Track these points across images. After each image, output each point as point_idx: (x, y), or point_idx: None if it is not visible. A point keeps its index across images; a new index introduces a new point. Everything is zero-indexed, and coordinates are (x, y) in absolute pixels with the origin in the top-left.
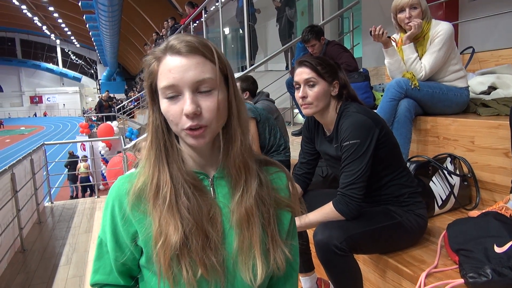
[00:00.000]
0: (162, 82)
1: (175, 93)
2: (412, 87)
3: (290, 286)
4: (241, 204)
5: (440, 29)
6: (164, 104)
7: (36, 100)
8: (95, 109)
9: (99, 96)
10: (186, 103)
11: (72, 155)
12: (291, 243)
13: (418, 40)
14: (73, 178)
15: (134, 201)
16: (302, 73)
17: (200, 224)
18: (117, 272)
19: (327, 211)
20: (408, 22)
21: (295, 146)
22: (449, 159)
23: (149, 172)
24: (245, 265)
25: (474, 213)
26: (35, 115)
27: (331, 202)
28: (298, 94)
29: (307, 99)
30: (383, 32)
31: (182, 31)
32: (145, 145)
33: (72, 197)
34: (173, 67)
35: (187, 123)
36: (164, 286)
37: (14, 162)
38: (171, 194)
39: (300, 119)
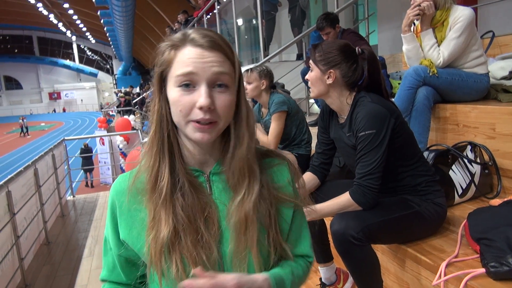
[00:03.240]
0: (179, 69)
1: (190, 83)
2: (430, 74)
3: (288, 277)
4: (241, 207)
5: (460, 15)
6: (175, 93)
7: (54, 96)
8: (137, 106)
9: (139, 94)
10: (202, 96)
11: (86, 147)
12: (296, 240)
13: (437, 26)
14: (88, 169)
15: (133, 193)
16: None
17: (193, 221)
18: (120, 268)
19: (344, 201)
20: (414, 7)
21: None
22: (469, 147)
23: (150, 163)
24: (240, 267)
25: (496, 202)
26: (54, 111)
27: (347, 192)
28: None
29: (309, 82)
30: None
31: (195, 24)
32: (149, 134)
33: (86, 185)
34: (194, 56)
35: (199, 115)
36: (154, 279)
37: (36, 157)
38: (167, 188)
39: (316, 109)
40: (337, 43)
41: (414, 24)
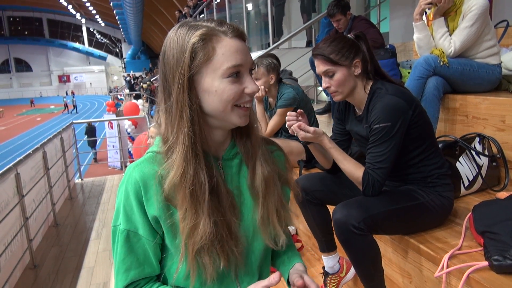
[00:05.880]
0: (228, 61)
1: (236, 73)
2: (441, 64)
3: (293, 249)
4: (263, 177)
5: (474, 3)
6: (223, 83)
7: (64, 79)
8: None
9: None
10: (251, 83)
11: (90, 126)
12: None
13: (450, 14)
14: (92, 144)
15: (162, 189)
16: (319, 66)
17: (224, 213)
18: (154, 258)
19: (354, 173)
20: None
21: (320, 126)
22: (477, 139)
23: (183, 164)
24: (266, 233)
25: (502, 195)
26: (67, 94)
27: (363, 171)
28: (323, 84)
29: (331, 88)
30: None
31: (204, 9)
32: (175, 134)
33: (95, 160)
34: (238, 49)
35: (246, 99)
36: (182, 274)
37: (45, 140)
38: (208, 185)
39: (324, 97)
40: (337, 38)
41: (426, 13)
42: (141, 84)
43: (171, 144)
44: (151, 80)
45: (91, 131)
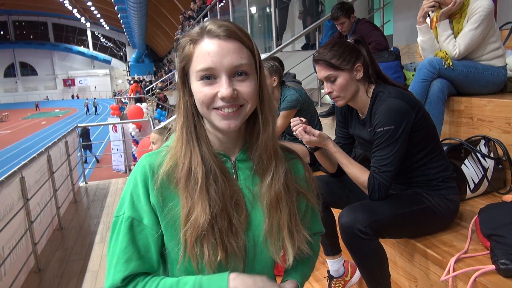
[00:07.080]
0: (199, 64)
1: (210, 76)
2: (445, 66)
3: (308, 267)
4: (271, 188)
5: (479, 5)
6: (197, 85)
7: (69, 83)
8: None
9: (151, 81)
10: (223, 87)
11: (84, 128)
12: (309, 227)
13: (455, 17)
14: (86, 147)
15: (165, 179)
16: (320, 71)
17: (225, 206)
18: (155, 252)
19: (360, 178)
20: None
21: (323, 129)
22: (483, 141)
23: (181, 153)
24: (275, 247)
25: (508, 197)
26: (73, 97)
27: (368, 175)
28: (325, 89)
29: (333, 93)
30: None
31: (208, 12)
32: (176, 127)
33: (86, 162)
34: (211, 50)
35: (219, 103)
36: (185, 265)
37: (50, 144)
38: (202, 175)
39: (327, 99)
40: (338, 43)
41: (429, 16)
42: (156, 89)
43: (175, 137)
44: (162, 88)
45: (85, 133)
